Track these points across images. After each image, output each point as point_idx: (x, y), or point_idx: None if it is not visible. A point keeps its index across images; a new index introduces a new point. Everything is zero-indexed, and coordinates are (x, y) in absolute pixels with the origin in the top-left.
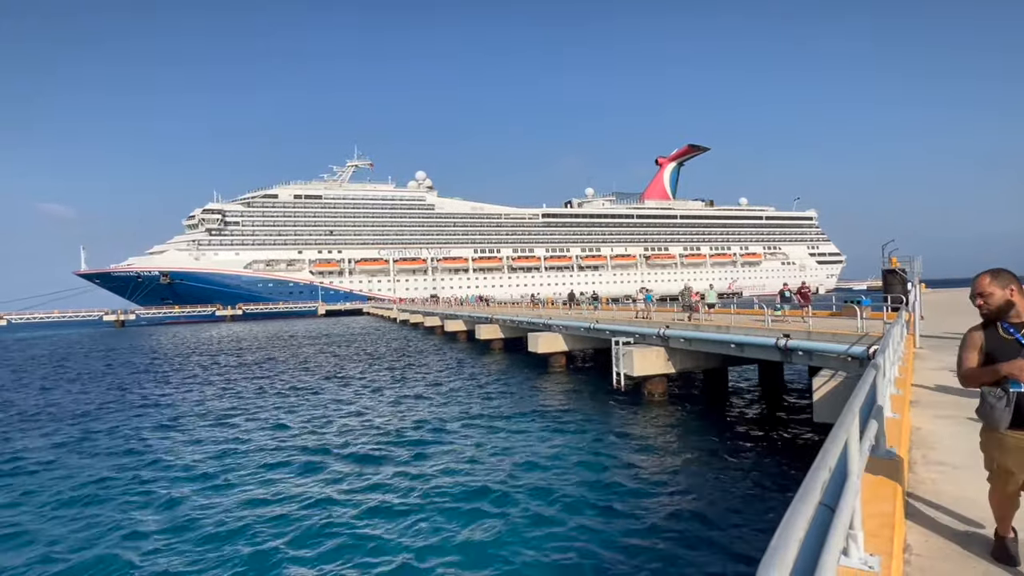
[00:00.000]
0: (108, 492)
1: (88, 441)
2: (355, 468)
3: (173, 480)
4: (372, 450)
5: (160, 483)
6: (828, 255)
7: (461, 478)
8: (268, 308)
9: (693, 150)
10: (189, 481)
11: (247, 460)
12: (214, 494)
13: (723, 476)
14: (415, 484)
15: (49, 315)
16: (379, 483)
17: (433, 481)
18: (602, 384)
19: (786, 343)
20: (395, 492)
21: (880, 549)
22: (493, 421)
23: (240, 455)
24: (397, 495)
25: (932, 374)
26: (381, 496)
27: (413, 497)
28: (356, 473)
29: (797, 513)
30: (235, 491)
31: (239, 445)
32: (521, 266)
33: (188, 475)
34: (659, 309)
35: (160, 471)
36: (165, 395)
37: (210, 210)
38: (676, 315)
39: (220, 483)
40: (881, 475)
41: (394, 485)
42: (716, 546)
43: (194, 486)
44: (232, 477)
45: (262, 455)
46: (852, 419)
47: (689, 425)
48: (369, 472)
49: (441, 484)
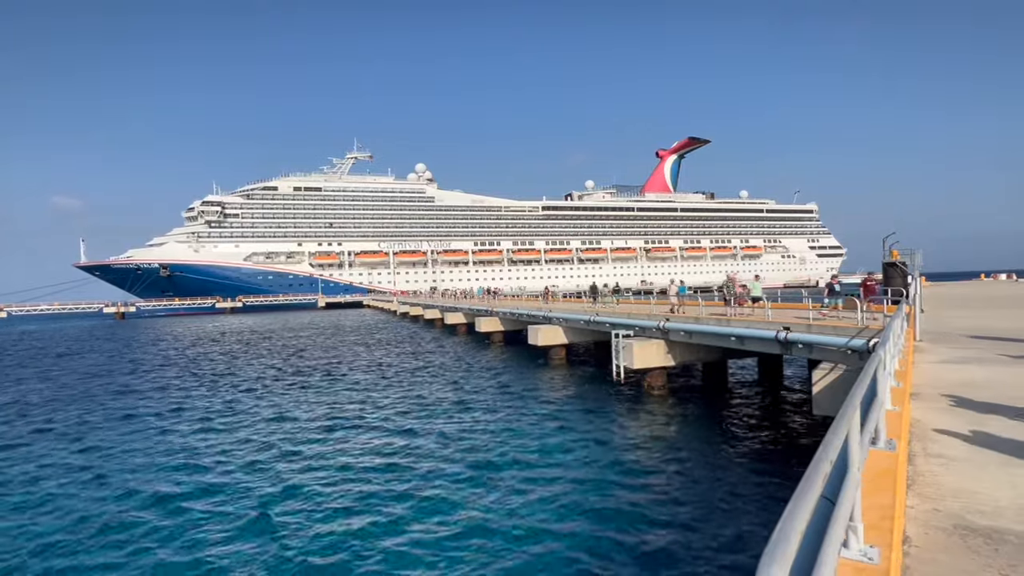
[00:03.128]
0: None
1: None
2: (338, 461)
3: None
4: (363, 444)
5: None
6: (829, 248)
7: (459, 466)
8: (268, 300)
9: (694, 143)
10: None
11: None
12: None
13: (723, 469)
14: (406, 486)
15: (50, 307)
16: (363, 478)
17: (428, 475)
18: (602, 377)
19: (786, 336)
20: (381, 498)
21: (880, 541)
22: (492, 414)
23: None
24: (381, 501)
25: (932, 367)
26: (366, 489)
27: (400, 508)
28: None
29: (798, 506)
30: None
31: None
32: (521, 259)
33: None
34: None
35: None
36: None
37: (210, 202)
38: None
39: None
40: (881, 467)
41: (380, 493)
42: (717, 538)
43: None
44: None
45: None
46: (853, 412)
47: (688, 418)
48: (357, 466)
49: (436, 474)
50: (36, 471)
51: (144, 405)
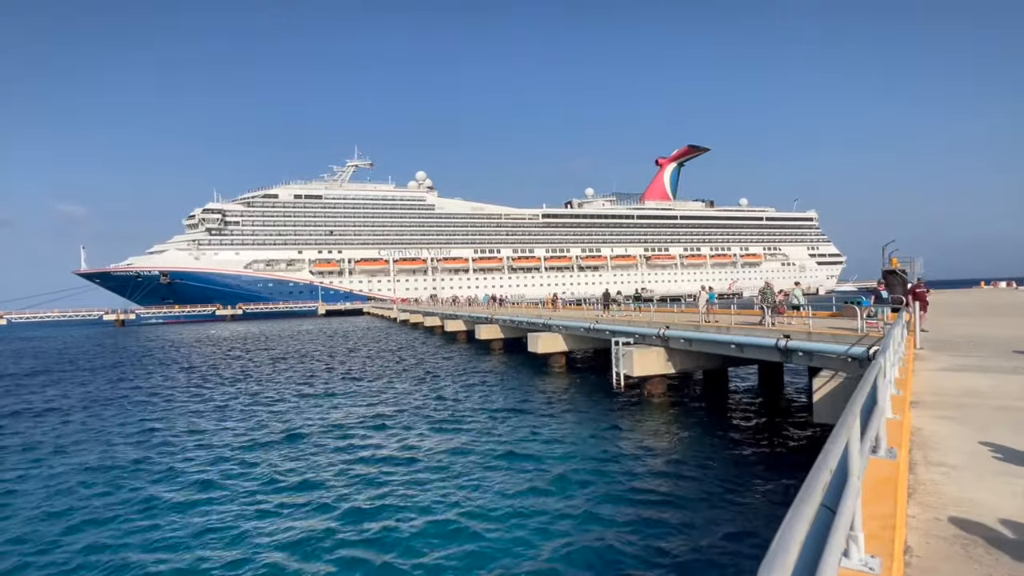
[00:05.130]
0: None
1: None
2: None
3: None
4: (358, 450)
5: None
6: (828, 256)
7: (457, 474)
8: (268, 308)
9: (693, 151)
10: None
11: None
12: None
13: (722, 477)
14: (399, 493)
15: (49, 314)
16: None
17: (424, 483)
18: (602, 384)
19: (786, 344)
20: (371, 511)
21: (881, 551)
22: (491, 422)
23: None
24: (373, 512)
25: (933, 375)
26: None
27: (393, 518)
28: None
29: (797, 514)
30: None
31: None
32: (521, 266)
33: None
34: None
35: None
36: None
37: (210, 210)
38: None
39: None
40: (882, 476)
41: (368, 507)
42: (716, 547)
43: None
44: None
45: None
46: (853, 420)
47: (688, 426)
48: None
49: (431, 480)
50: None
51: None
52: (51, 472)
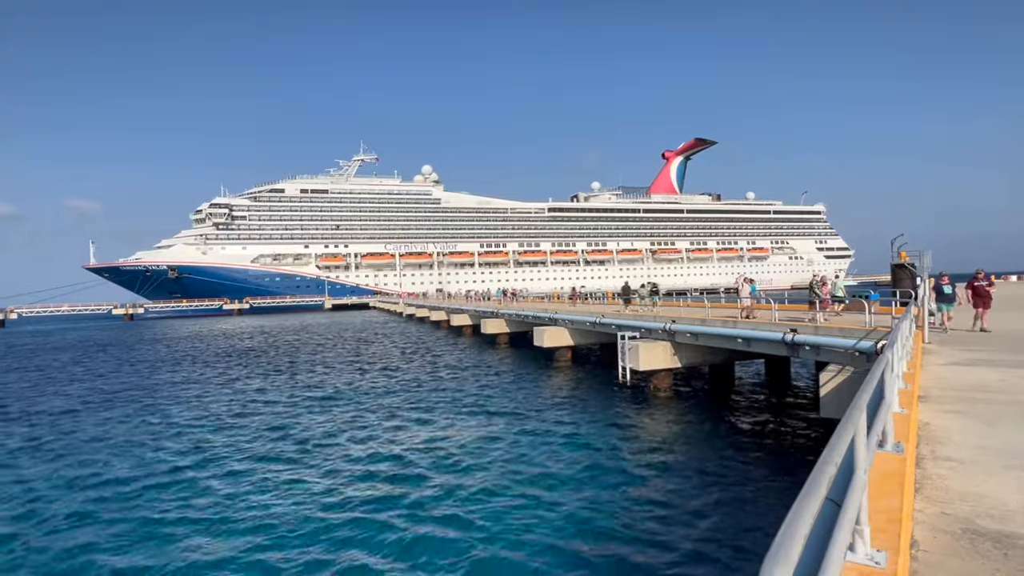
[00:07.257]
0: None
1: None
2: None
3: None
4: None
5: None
6: (836, 250)
7: (463, 469)
8: (275, 302)
9: (700, 144)
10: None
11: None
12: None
13: (728, 471)
14: (406, 486)
15: (59, 308)
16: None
17: (429, 477)
18: (608, 378)
19: (793, 338)
20: (380, 503)
21: (887, 545)
22: (496, 415)
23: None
24: (380, 505)
25: (941, 369)
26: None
27: (397, 518)
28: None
29: (803, 508)
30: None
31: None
32: (527, 260)
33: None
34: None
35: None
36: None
37: (217, 204)
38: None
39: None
40: (888, 470)
41: (380, 497)
42: (721, 540)
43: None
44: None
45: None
46: (859, 414)
47: (694, 420)
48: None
49: (438, 474)
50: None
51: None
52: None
